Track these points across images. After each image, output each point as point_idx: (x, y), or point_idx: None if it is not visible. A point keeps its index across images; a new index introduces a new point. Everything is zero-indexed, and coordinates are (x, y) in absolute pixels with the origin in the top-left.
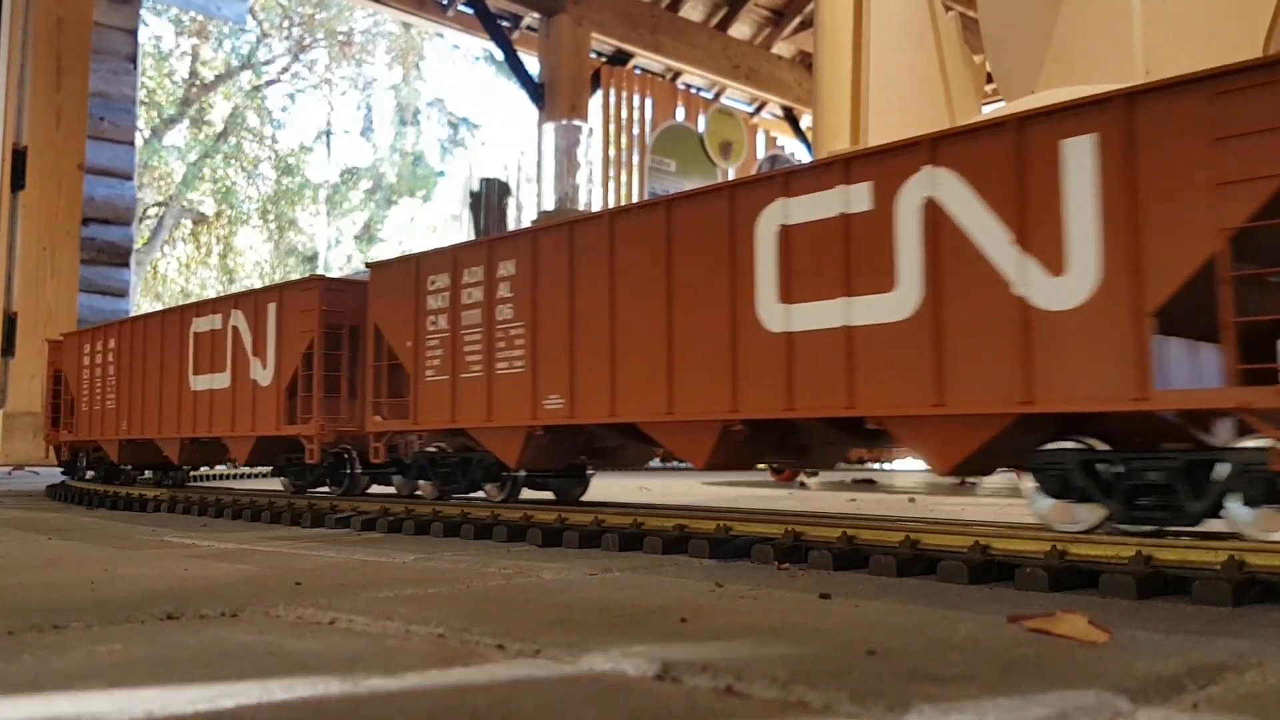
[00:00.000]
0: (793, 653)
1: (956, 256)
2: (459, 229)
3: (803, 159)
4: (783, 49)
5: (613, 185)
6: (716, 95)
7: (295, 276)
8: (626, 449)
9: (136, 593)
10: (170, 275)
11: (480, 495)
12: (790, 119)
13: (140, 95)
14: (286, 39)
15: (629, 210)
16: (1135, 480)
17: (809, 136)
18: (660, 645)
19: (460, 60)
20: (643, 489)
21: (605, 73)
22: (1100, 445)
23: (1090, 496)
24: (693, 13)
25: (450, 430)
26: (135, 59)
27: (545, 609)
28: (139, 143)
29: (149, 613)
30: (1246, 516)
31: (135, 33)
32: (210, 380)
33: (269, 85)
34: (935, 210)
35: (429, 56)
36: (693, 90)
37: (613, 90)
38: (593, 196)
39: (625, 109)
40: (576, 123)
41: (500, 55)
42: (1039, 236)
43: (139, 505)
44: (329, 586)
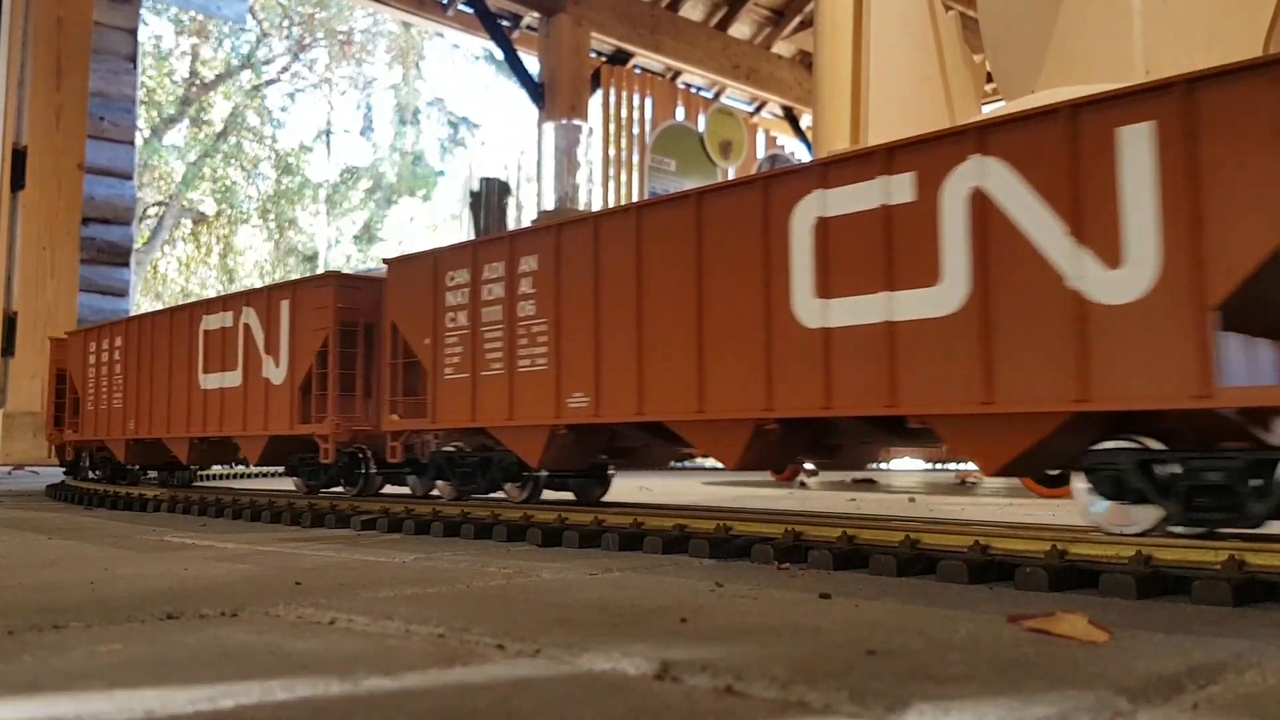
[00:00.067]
0: (793, 652)
1: (1006, 249)
2: (459, 229)
3: (803, 159)
4: (783, 49)
5: (613, 185)
6: (716, 95)
7: (295, 276)
8: (651, 449)
9: (136, 593)
10: (170, 275)
11: (491, 497)
12: (790, 119)
13: (140, 95)
14: (286, 39)
15: (657, 204)
16: (1194, 481)
17: (809, 136)
18: (660, 645)
19: (460, 60)
20: (643, 489)
21: (605, 72)
22: (1154, 444)
23: (1147, 498)
24: (693, 12)
25: (469, 429)
26: (135, 59)
27: (545, 609)
28: (139, 142)
29: (149, 613)
30: None
31: (135, 32)
32: (221, 379)
33: (269, 85)
34: (983, 201)
35: (429, 56)
36: (693, 90)
37: (613, 90)
38: (593, 196)
39: (625, 109)
40: (576, 122)
41: (500, 55)
42: (1094, 228)
43: (139, 505)
44: (329, 586)
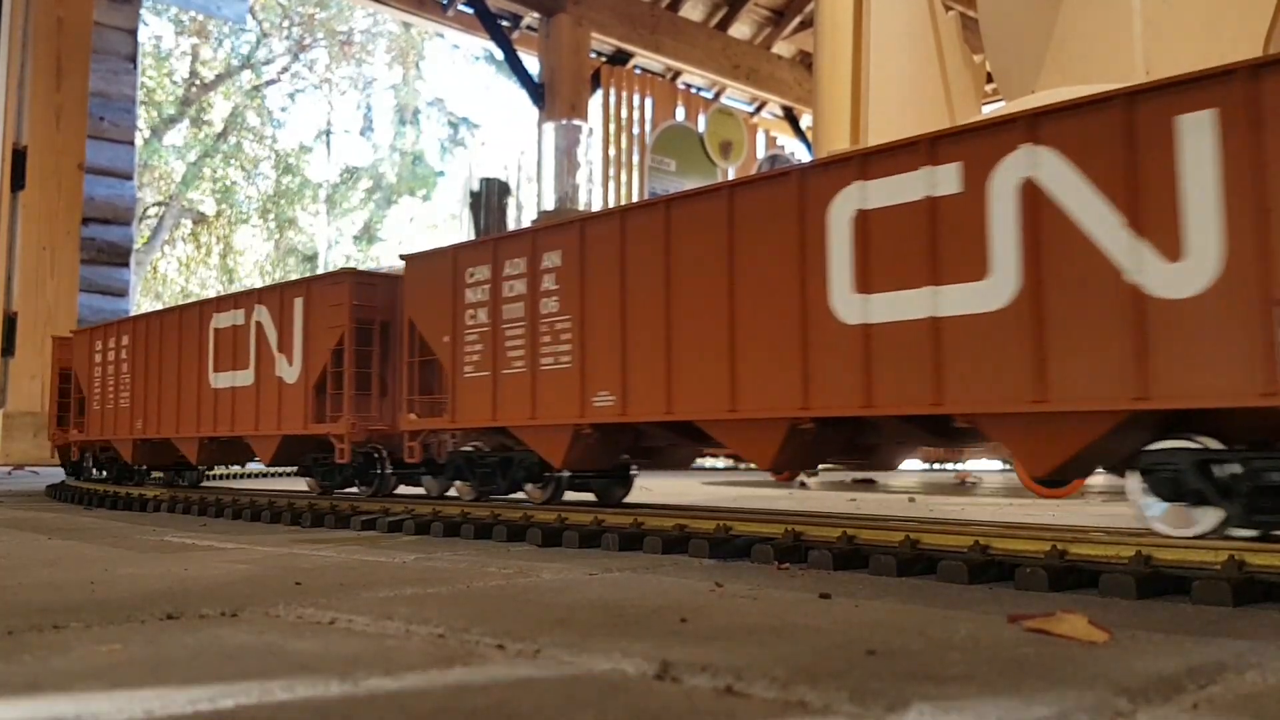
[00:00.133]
0: (793, 652)
1: (1059, 241)
2: (459, 229)
3: (803, 159)
4: (783, 49)
5: (613, 185)
6: (716, 95)
7: (295, 276)
8: (676, 449)
9: (136, 593)
10: (170, 275)
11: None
12: (790, 119)
13: (140, 95)
14: (286, 39)
15: (687, 197)
16: (1256, 481)
17: (809, 136)
18: (660, 645)
19: (460, 60)
20: (643, 488)
21: (605, 72)
22: (1213, 444)
23: (1207, 499)
24: (693, 12)
25: (490, 429)
26: (135, 59)
27: (545, 609)
28: (139, 142)
29: (149, 613)
30: None
31: (135, 33)
32: (232, 377)
33: (269, 85)
34: (1034, 192)
35: (429, 56)
36: (693, 90)
37: (613, 90)
38: (593, 196)
39: (625, 109)
40: (576, 122)
41: (500, 55)
42: (1153, 219)
43: (139, 505)
44: (329, 586)
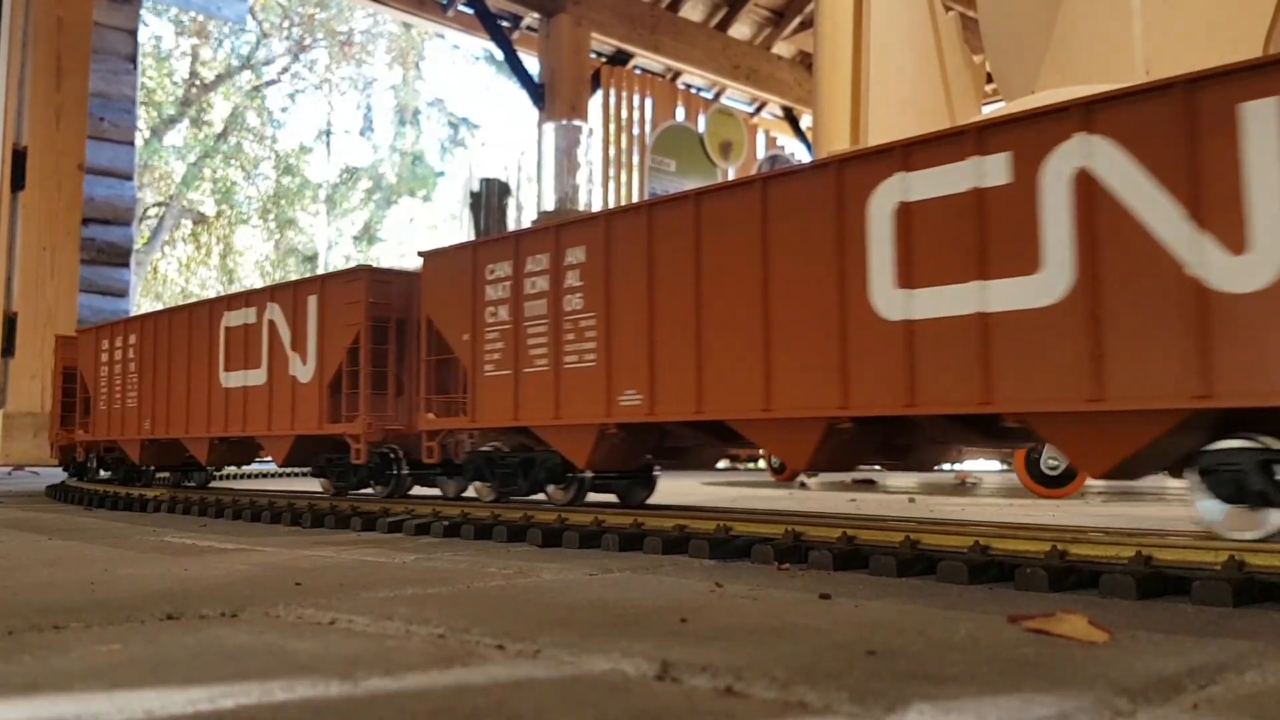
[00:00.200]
0: (793, 653)
1: (1115, 234)
2: (459, 229)
3: (803, 159)
4: (783, 49)
5: (613, 185)
6: (716, 95)
7: (295, 277)
8: (701, 449)
9: (136, 593)
10: (170, 275)
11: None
12: (790, 119)
13: (140, 95)
14: (286, 39)
15: (717, 191)
16: None
17: (809, 136)
18: (660, 645)
19: (460, 60)
20: None
21: (605, 73)
22: (1276, 444)
23: (1271, 501)
24: (693, 13)
25: (511, 429)
26: (135, 59)
27: (545, 609)
28: (139, 143)
29: (149, 613)
30: None
31: (135, 33)
32: (244, 377)
33: (269, 85)
34: (1088, 182)
35: (429, 57)
36: (693, 90)
37: (613, 90)
38: (593, 196)
39: (625, 109)
40: (576, 123)
41: (500, 55)
42: (1215, 211)
43: (139, 505)
44: (329, 586)
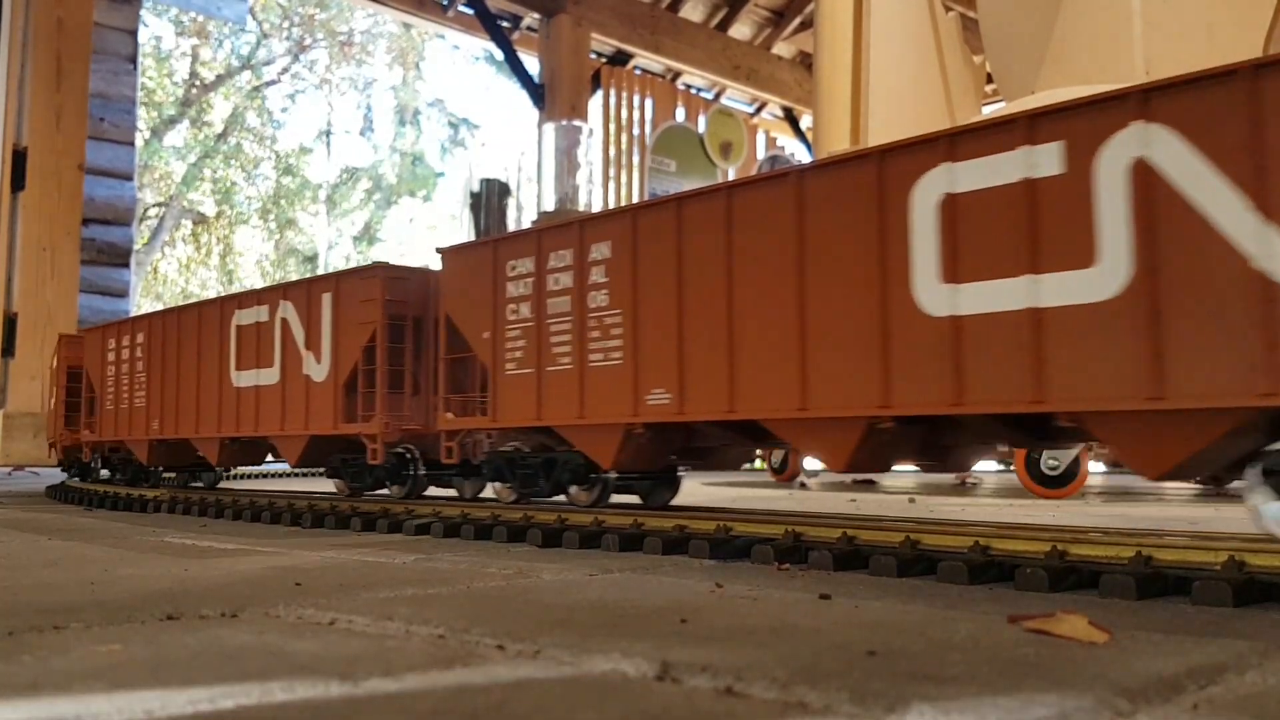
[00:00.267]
0: (793, 653)
1: (1176, 226)
2: (459, 229)
3: (803, 159)
4: (783, 49)
5: (613, 185)
6: (716, 95)
7: (295, 277)
8: (728, 450)
9: (136, 593)
10: (170, 275)
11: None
12: (790, 119)
13: (140, 96)
14: (286, 39)
15: (750, 184)
16: None
17: (809, 136)
18: (660, 646)
19: (460, 60)
20: None
21: (605, 73)
22: None
23: None
24: (693, 13)
25: (533, 428)
26: (135, 59)
27: (545, 609)
28: (139, 143)
29: (149, 613)
30: None
31: (135, 33)
32: (256, 376)
33: (269, 85)
34: (1146, 173)
35: (429, 57)
36: (693, 90)
37: (613, 90)
38: (593, 196)
39: (625, 109)
40: (576, 123)
41: (500, 55)
42: None
43: (139, 506)
44: (329, 587)
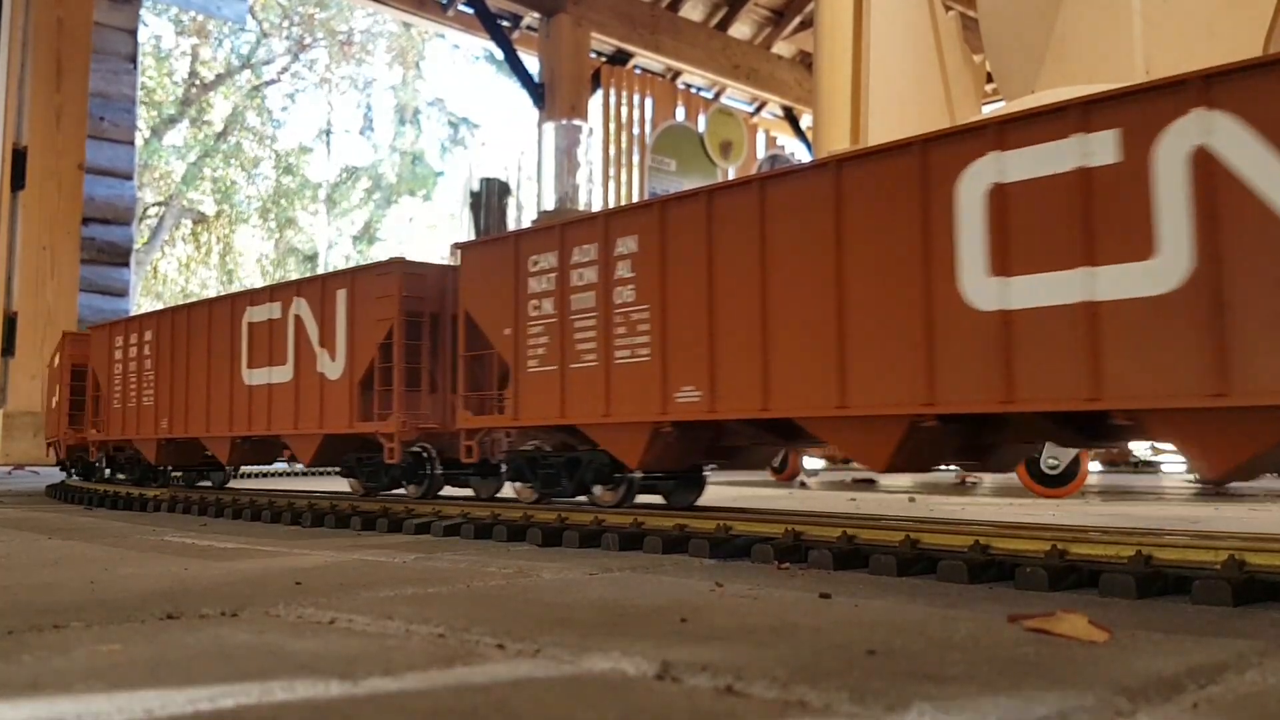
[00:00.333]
0: (793, 652)
1: (1240, 216)
2: (459, 229)
3: (803, 159)
4: (783, 49)
5: (613, 185)
6: (716, 95)
7: (295, 276)
8: (755, 449)
9: (136, 593)
10: (170, 275)
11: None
12: (790, 119)
13: (140, 95)
14: (286, 39)
15: (785, 175)
16: None
17: (809, 136)
18: (660, 645)
19: (460, 60)
20: None
21: (605, 72)
22: None
23: None
24: (693, 13)
25: (556, 427)
26: (135, 59)
27: (545, 609)
28: (139, 142)
29: (149, 613)
30: None
31: (135, 33)
32: (268, 374)
33: (269, 85)
34: (1208, 161)
35: (429, 56)
36: (693, 90)
37: (613, 90)
38: (593, 196)
39: (625, 109)
40: (576, 122)
41: (500, 55)
42: None
43: (139, 505)
44: (329, 586)
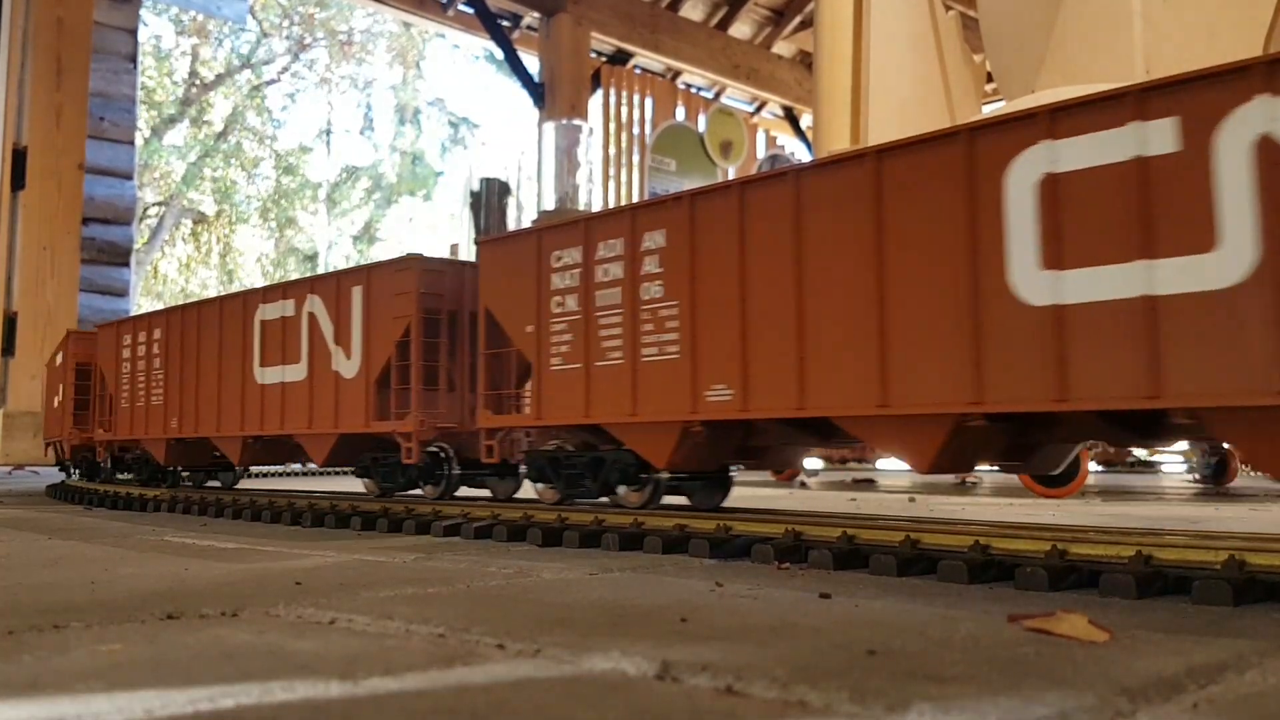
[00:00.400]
0: (793, 652)
1: None
2: (459, 229)
3: (803, 158)
4: (783, 49)
5: (613, 185)
6: (716, 95)
7: (295, 276)
8: (785, 449)
9: (136, 593)
10: (170, 275)
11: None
12: (790, 119)
13: (140, 95)
14: (286, 39)
15: (821, 167)
16: None
17: (809, 136)
18: (660, 645)
19: (460, 60)
20: None
21: (605, 72)
22: None
23: None
24: (693, 12)
25: (580, 426)
26: (135, 59)
27: (545, 609)
28: (139, 142)
29: (149, 613)
30: None
31: (135, 33)
32: (281, 372)
33: (269, 85)
34: (1273, 150)
35: (429, 56)
36: (693, 90)
37: (613, 90)
38: (593, 196)
39: (625, 108)
40: (576, 122)
41: (500, 55)
42: None
43: (139, 505)
44: (329, 586)
